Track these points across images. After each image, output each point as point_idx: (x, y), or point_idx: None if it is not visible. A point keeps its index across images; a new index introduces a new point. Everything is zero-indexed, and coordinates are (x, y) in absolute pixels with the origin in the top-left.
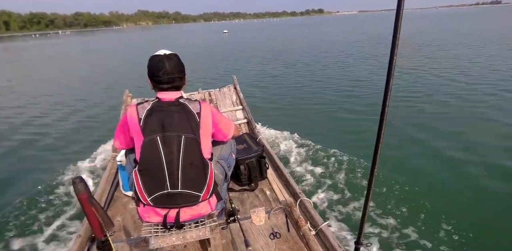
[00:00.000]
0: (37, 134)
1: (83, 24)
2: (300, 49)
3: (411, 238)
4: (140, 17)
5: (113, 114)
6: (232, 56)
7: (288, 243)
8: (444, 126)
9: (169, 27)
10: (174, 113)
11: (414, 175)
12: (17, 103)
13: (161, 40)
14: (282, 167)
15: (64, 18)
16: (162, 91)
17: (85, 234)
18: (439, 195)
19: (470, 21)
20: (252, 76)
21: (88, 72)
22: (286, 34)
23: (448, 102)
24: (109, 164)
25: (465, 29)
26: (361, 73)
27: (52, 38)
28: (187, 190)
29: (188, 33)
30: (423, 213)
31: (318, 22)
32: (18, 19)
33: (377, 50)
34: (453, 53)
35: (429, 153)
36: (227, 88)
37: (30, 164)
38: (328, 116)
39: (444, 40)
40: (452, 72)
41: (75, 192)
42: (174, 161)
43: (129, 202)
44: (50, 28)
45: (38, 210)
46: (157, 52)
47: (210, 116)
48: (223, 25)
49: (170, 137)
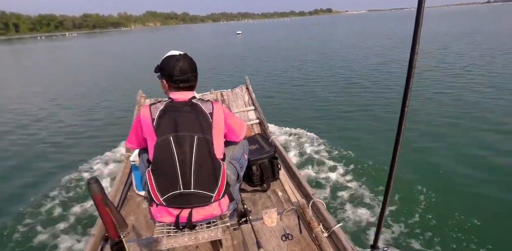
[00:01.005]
0: (51, 134)
1: (92, 26)
2: (316, 49)
3: (430, 245)
4: (148, 18)
5: (127, 114)
6: (249, 58)
7: (300, 245)
8: (469, 127)
9: (177, 27)
10: (187, 113)
11: (436, 179)
12: (31, 104)
13: (174, 43)
14: (294, 168)
15: (73, 20)
16: (178, 90)
17: (99, 233)
18: (464, 202)
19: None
20: (265, 76)
21: (99, 74)
22: (303, 35)
23: (472, 103)
24: (123, 164)
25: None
26: (380, 74)
27: (59, 40)
28: (200, 190)
29: (199, 34)
30: (445, 220)
31: (331, 22)
32: (27, 21)
33: (398, 50)
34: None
35: (452, 156)
36: (239, 88)
37: (45, 163)
38: (343, 117)
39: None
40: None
41: (90, 192)
42: (187, 161)
43: (142, 202)
44: (59, 29)
45: (53, 208)
46: (169, 53)
47: (222, 116)
48: (232, 26)
49: (183, 137)
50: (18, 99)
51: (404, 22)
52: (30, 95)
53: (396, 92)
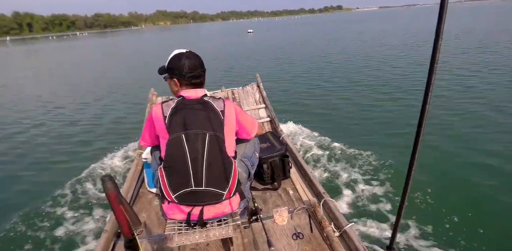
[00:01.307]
0: (64, 132)
1: (103, 25)
2: (329, 47)
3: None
4: (158, 17)
5: (139, 112)
6: (260, 57)
7: (311, 244)
8: (494, 127)
9: (187, 26)
10: (199, 111)
11: (458, 180)
12: (44, 103)
13: (185, 42)
14: (305, 166)
15: (85, 20)
16: (190, 87)
17: (111, 230)
18: (489, 204)
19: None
20: (276, 74)
21: (111, 72)
22: (315, 33)
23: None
24: (135, 161)
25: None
26: (399, 72)
27: (70, 39)
28: (211, 188)
29: (210, 33)
30: (466, 223)
31: (343, 19)
32: (40, 21)
33: (418, 48)
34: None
35: (475, 158)
36: (250, 86)
37: (57, 160)
38: (357, 115)
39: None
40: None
41: (104, 190)
42: (199, 158)
43: (153, 199)
44: (71, 29)
45: (65, 205)
46: (175, 52)
47: (233, 114)
48: (242, 24)
49: (194, 135)
50: (33, 99)
51: (421, 19)
52: (44, 95)
53: (416, 90)
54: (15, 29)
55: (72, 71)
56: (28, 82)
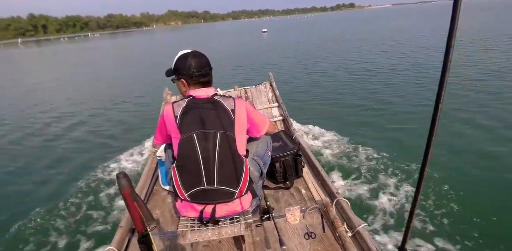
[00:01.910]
0: (80, 132)
1: (115, 26)
2: (343, 46)
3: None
4: (169, 17)
5: (154, 111)
6: (275, 57)
7: (323, 243)
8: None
9: (198, 26)
10: (209, 111)
11: (474, 180)
12: (60, 103)
13: (198, 43)
14: (318, 165)
15: (98, 21)
16: (199, 86)
17: (126, 225)
18: (506, 206)
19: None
20: (290, 72)
21: (125, 72)
22: (332, 32)
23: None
24: (150, 159)
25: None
26: (414, 72)
27: (82, 41)
28: (223, 187)
29: (222, 33)
30: (482, 225)
31: (360, 18)
32: (54, 22)
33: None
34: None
35: (490, 158)
36: (263, 85)
37: (75, 157)
38: (372, 115)
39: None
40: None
41: (118, 187)
42: (210, 157)
43: (167, 197)
44: (84, 30)
45: (82, 201)
46: (180, 53)
47: (244, 112)
48: (254, 23)
49: (206, 134)
50: (50, 100)
51: (436, 17)
52: (61, 96)
53: (429, 90)
54: (30, 31)
55: (80, 73)
56: (29, 86)
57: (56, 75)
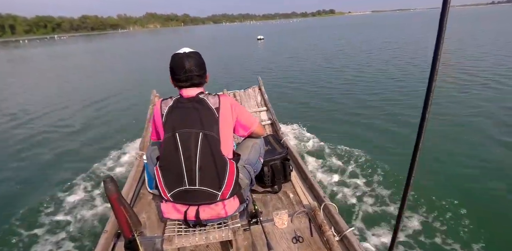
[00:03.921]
0: (64, 135)
1: (90, 28)
2: (325, 48)
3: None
4: (148, 20)
5: (141, 114)
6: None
7: (311, 248)
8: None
9: (179, 30)
10: (193, 110)
11: (458, 184)
12: (46, 105)
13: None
14: (306, 170)
15: (71, 22)
16: (188, 87)
17: (111, 230)
18: (491, 209)
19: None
20: (278, 76)
21: (110, 75)
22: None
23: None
24: (136, 162)
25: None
26: (399, 76)
27: (45, 44)
28: (205, 188)
29: (206, 39)
30: (468, 228)
31: (348, 23)
32: (23, 23)
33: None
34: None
35: (478, 161)
36: (251, 89)
37: (59, 160)
38: (359, 120)
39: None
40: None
41: (105, 191)
42: (192, 158)
43: (154, 200)
44: (56, 32)
45: (65, 205)
46: (178, 51)
47: (229, 109)
48: (239, 27)
49: (188, 134)
50: (37, 101)
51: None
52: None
53: (418, 94)
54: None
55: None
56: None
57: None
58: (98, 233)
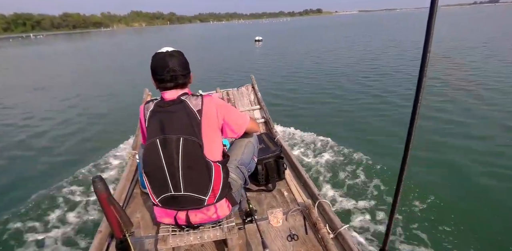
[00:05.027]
0: (57, 135)
1: (72, 26)
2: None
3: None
4: (133, 18)
5: (134, 113)
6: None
7: (306, 245)
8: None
9: (165, 28)
10: (174, 114)
11: (450, 180)
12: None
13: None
14: (300, 168)
15: (52, 19)
16: (165, 89)
17: (105, 230)
18: (482, 205)
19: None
20: (272, 75)
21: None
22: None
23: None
24: (129, 161)
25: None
26: (391, 75)
27: (15, 45)
28: (190, 193)
29: (195, 39)
30: (460, 224)
31: (347, 22)
32: (1, 20)
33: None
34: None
35: (469, 157)
36: (245, 87)
37: (51, 160)
38: (351, 118)
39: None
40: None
41: (94, 191)
42: (174, 164)
43: (148, 200)
44: (36, 30)
45: (59, 206)
46: (159, 50)
47: (214, 111)
48: (229, 26)
49: (169, 140)
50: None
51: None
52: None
53: (408, 92)
54: None
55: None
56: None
57: None
58: (93, 233)
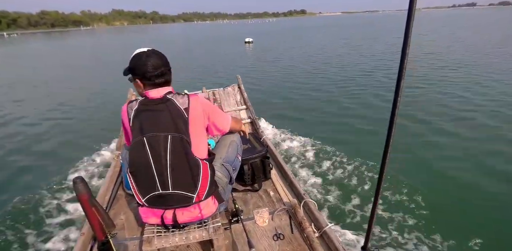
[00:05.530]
0: (40, 134)
1: (50, 24)
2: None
3: (423, 245)
4: (114, 17)
5: (118, 114)
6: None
7: (292, 245)
8: (462, 128)
9: (148, 28)
10: (160, 112)
11: (429, 178)
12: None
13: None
14: (286, 167)
15: (29, 17)
16: (154, 87)
17: (88, 232)
18: (460, 202)
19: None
20: (257, 75)
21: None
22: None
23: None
24: (113, 162)
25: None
26: (372, 74)
27: None
28: (179, 191)
29: (180, 39)
30: (439, 220)
31: (333, 24)
32: None
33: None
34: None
35: (446, 156)
36: (231, 87)
37: (34, 161)
38: (335, 117)
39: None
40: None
41: (75, 192)
42: (162, 162)
43: (132, 201)
44: (12, 28)
45: (42, 208)
46: (136, 51)
47: (200, 110)
48: (209, 26)
49: (156, 138)
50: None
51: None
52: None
53: (388, 93)
54: None
55: None
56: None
57: None
58: (76, 235)
